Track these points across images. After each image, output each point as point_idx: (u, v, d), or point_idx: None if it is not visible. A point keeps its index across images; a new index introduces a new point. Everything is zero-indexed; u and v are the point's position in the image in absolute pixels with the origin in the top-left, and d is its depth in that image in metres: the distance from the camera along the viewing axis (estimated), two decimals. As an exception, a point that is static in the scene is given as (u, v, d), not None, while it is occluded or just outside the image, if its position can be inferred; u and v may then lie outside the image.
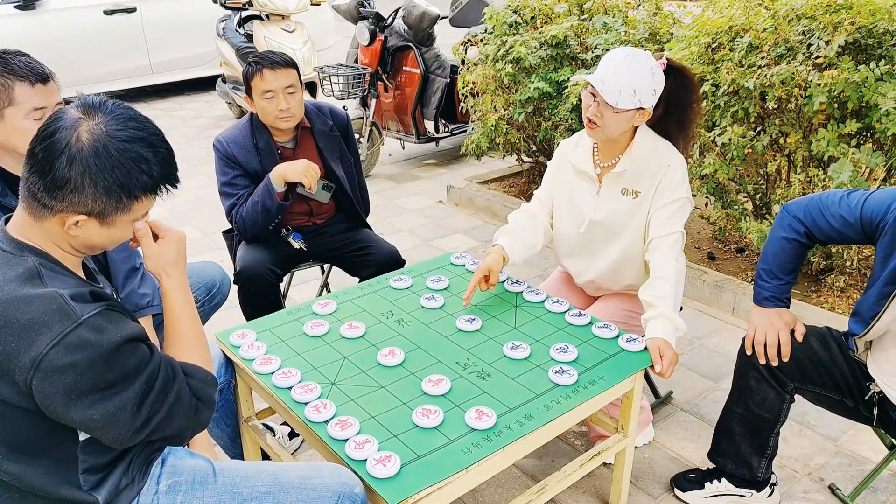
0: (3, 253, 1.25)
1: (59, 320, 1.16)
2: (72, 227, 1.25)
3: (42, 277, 1.21)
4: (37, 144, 1.24)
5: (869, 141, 2.91)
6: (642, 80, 1.96)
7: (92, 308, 1.20)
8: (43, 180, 1.21)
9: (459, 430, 1.61)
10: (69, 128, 1.22)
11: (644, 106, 2.00)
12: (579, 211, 2.23)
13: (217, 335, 1.97)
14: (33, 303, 1.17)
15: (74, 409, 1.19)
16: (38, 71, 1.85)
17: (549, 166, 2.37)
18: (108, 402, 1.21)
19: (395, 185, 5.16)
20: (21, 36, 6.21)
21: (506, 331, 2.02)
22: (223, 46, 6.19)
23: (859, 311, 1.85)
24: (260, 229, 2.55)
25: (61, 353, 1.15)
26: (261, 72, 2.46)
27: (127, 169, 1.24)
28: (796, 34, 2.95)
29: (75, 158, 1.21)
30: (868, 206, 1.77)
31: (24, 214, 1.27)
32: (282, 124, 2.52)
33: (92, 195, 1.23)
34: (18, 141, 1.87)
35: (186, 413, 1.35)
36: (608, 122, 2.02)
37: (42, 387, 1.16)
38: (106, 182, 1.23)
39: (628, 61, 1.97)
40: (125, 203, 1.26)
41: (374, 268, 2.63)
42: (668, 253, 2.05)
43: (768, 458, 2.08)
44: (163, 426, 1.30)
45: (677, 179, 2.08)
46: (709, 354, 3.02)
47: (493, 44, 4.16)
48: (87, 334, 1.17)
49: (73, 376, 1.16)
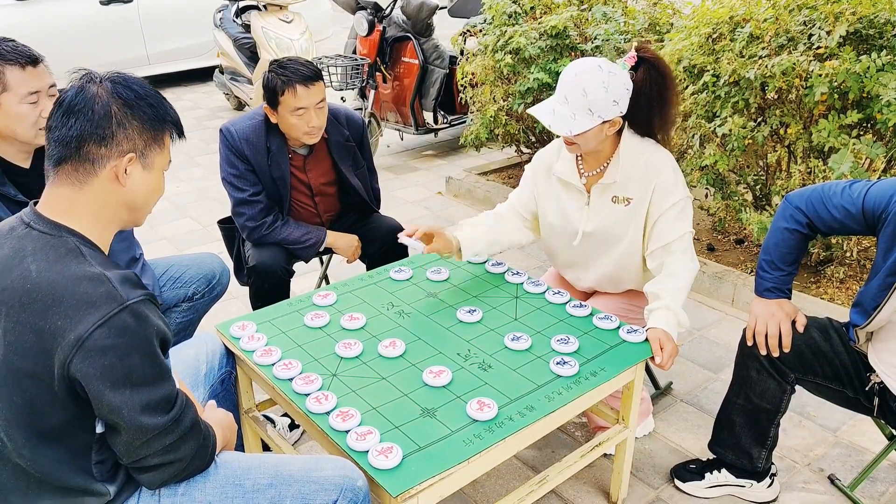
0: (42, 234, 1.26)
1: (105, 301, 1.19)
2: (123, 178, 1.29)
3: (86, 257, 1.24)
4: (59, 110, 1.27)
5: (869, 132, 2.91)
6: (595, 97, 1.89)
7: (136, 294, 1.23)
8: (90, 124, 1.25)
9: (461, 421, 1.61)
10: (82, 86, 1.28)
11: (607, 118, 1.93)
12: (570, 224, 2.18)
13: (217, 327, 1.97)
14: (81, 283, 1.20)
15: (107, 395, 1.21)
16: (27, 54, 1.85)
17: (525, 172, 2.31)
18: (137, 396, 1.23)
19: (394, 176, 5.15)
20: (18, 26, 6.17)
21: (507, 322, 2.02)
22: (220, 37, 6.16)
23: (861, 301, 1.85)
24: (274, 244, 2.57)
25: (104, 335, 1.17)
26: (293, 88, 2.32)
27: (153, 99, 1.33)
28: (797, 24, 2.94)
29: (108, 97, 1.27)
30: (870, 197, 1.76)
31: (63, 189, 1.28)
32: (309, 140, 2.45)
33: (136, 127, 1.29)
34: (16, 127, 1.86)
35: (195, 443, 1.36)
36: (580, 140, 1.97)
37: (80, 366, 1.18)
38: (142, 111, 1.30)
39: (576, 82, 1.91)
40: (161, 135, 1.34)
41: (377, 243, 2.67)
42: (684, 255, 2.03)
43: (768, 449, 2.09)
44: (173, 448, 1.31)
45: (671, 180, 2.03)
46: (708, 345, 3.02)
47: (493, 34, 4.14)
48: (129, 320, 1.20)
49: (111, 360, 1.19)
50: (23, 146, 1.94)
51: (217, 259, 2.45)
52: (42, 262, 1.21)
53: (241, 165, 2.50)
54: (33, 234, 1.26)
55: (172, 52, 7.41)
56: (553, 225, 2.23)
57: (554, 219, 2.22)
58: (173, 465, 1.34)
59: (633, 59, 1.98)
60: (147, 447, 1.28)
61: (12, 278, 1.21)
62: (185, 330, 2.36)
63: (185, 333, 2.35)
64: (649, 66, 1.98)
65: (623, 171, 2.05)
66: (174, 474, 1.35)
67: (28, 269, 1.21)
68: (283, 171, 2.53)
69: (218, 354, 1.89)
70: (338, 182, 2.70)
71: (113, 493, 1.34)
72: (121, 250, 2.05)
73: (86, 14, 6.74)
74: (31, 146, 1.96)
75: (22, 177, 1.97)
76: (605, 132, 1.98)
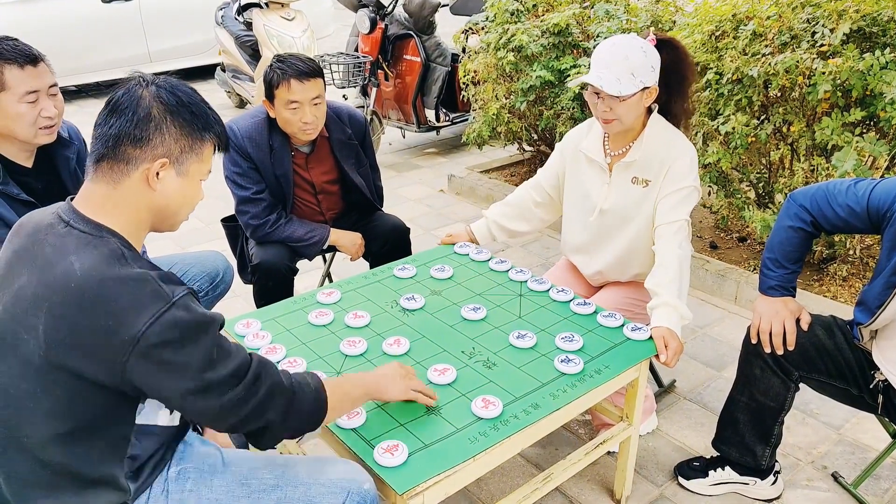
0: (83, 234, 1.25)
1: (153, 301, 1.20)
2: (154, 181, 1.29)
3: (127, 259, 1.24)
4: (106, 108, 1.29)
5: (873, 129, 2.91)
6: (635, 61, 1.96)
7: (180, 290, 1.24)
8: (129, 124, 1.26)
9: (466, 418, 1.61)
10: (131, 87, 1.29)
11: (647, 84, 2.00)
12: (589, 200, 2.24)
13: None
14: (127, 284, 1.20)
15: (167, 387, 1.23)
16: (27, 53, 1.84)
17: (554, 150, 2.37)
18: (198, 383, 1.24)
19: (396, 174, 5.15)
20: (19, 24, 6.16)
21: (511, 320, 2.02)
22: (222, 35, 6.16)
23: (865, 300, 1.85)
24: (278, 242, 2.57)
25: (157, 331, 1.19)
26: (287, 82, 2.33)
27: (197, 108, 1.33)
28: (801, 22, 2.93)
29: (151, 99, 1.28)
30: (875, 196, 1.76)
31: (100, 186, 1.28)
32: (304, 136, 2.46)
33: (174, 133, 1.29)
34: (14, 126, 1.86)
35: (283, 399, 1.36)
36: (619, 112, 2.02)
37: (139, 364, 1.19)
38: (183, 117, 1.30)
39: (615, 49, 1.98)
40: (199, 144, 1.34)
41: (380, 241, 2.68)
42: (672, 240, 2.04)
43: (772, 447, 2.09)
44: (259, 410, 1.32)
45: (686, 167, 2.08)
46: (711, 343, 3.02)
47: (495, 32, 4.14)
48: (179, 313, 1.21)
49: (169, 355, 1.20)
50: (24, 145, 1.94)
51: (221, 257, 2.45)
52: (86, 262, 1.21)
53: (243, 163, 2.50)
54: (74, 233, 1.25)
55: (174, 49, 7.41)
56: (573, 200, 2.31)
57: (575, 194, 2.29)
58: (273, 427, 1.36)
59: (654, 41, 2.04)
60: (233, 415, 1.29)
61: (55, 276, 1.21)
62: (188, 328, 2.36)
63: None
64: (669, 47, 2.07)
65: (645, 152, 2.10)
66: (278, 433, 1.37)
67: (72, 267, 1.20)
68: (286, 168, 2.53)
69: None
70: (340, 180, 2.70)
71: (133, 492, 1.34)
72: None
73: (87, 12, 6.74)
74: (32, 145, 1.95)
75: (24, 175, 1.97)
76: (643, 103, 2.04)
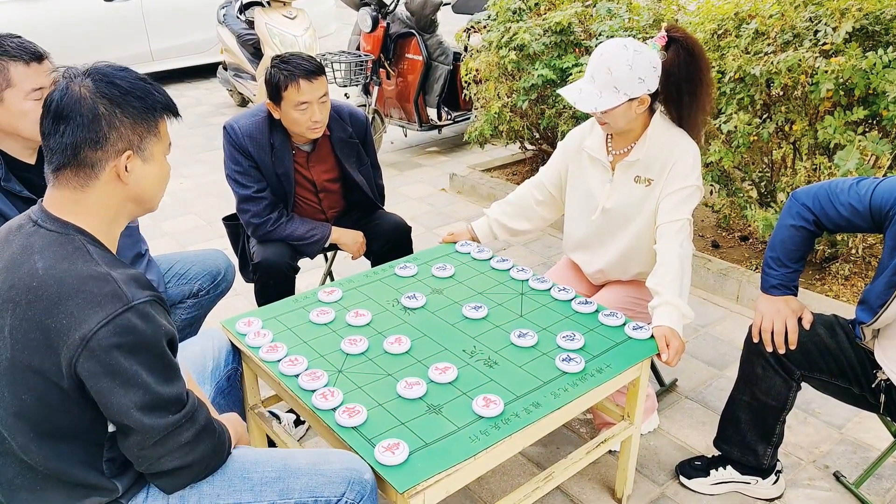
0: (49, 232, 1.26)
1: (110, 301, 1.19)
2: (124, 176, 1.28)
3: (92, 255, 1.24)
4: (49, 116, 1.26)
5: (875, 128, 2.90)
6: (619, 75, 1.94)
7: (142, 295, 1.23)
8: (81, 129, 1.23)
9: (467, 417, 1.61)
10: (66, 87, 1.26)
11: (635, 95, 1.97)
12: (592, 198, 2.23)
13: (223, 323, 1.97)
14: (86, 282, 1.20)
15: (115, 394, 1.20)
16: (32, 50, 1.84)
17: (557, 148, 2.37)
18: (145, 396, 1.22)
19: (398, 172, 5.15)
20: (22, 23, 6.18)
21: (512, 318, 2.02)
22: (224, 33, 6.16)
23: (867, 299, 1.84)
24: (279, 240, 2.57)
25: (109, 333, 1.17)
26: (297, 83, 2.32)
27: (140, 90, 1.29)
28: (803, 20, 2.93)
29: (93, 97, 1.24)
30: (878, 195, 1.76)
31: (66, 192, 1.27)
32: (312, 135, 2.45)
33: (128, 123, 1.27)
34: (20, 123, 1.86)
35: (211, 442, 1.36)
36: (608, 119, 2.03)
37: (87, 365, 1.18)
38: (131, 106, 1.27)
39: (601, 62, 1.97)
40: (154, 125, 1.31)
41: (382, 239, 2.68)
42: (673, 239, 2.04)
43: (774, 446, 2.09)
44: (190, 448, 1.31)
45: (688, 167, 2.08)
46: (713, 342, 3.02)
47: (497, 30, 4.13)
48: (135, 320, 1.20)
49: (116, 359, 1.19)
50: (27, 142, 1.94)
51: (222, 255, 2.45)
52: (49, 260, 1.22)
53: (244, 162, 2.50)
54: (41, 232, 1.26)
55: (176, 48, 7.41)
56: (575, 199, 2.30)
57: (577, 192, 2.29)
58: (192, 468, 1.34)
59: (664, 39, 2.02)
60: (162, 446, 1.27)
61: (20, 276, 1.22)
62: (189, 326, 2.36)
63: (189, 330, 2.35)
64: (680, 46, 2.01)
65: (648, 151, 2.10)
66: (193, 476, 1.35)
67: (35, 266, 1.21)
68: (287, 167, 2.53)
69: (224, 351, 1.89)
70: (341, 179, 2.70)
71: (122, 489, 1.34)
72: (126, 246, 2.05)
73: (89, 10, 6.75)
74: (36, 142, 1.95)
75: (27, 172, 1.97)
76: (633, 110, 2.03)
